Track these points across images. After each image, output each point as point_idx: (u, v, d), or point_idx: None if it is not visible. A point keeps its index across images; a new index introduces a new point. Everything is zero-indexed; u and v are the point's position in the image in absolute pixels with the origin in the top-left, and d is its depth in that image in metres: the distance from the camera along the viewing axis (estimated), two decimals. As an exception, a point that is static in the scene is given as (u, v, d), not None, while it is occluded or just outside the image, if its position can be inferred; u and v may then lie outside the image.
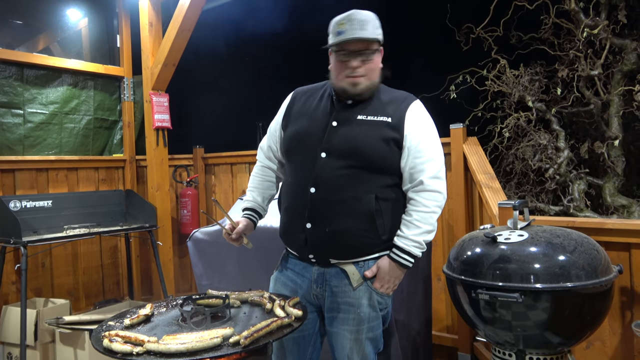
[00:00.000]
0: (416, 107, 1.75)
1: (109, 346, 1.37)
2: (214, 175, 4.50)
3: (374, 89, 1.73)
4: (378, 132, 1.67)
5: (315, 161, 1.69)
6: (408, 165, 1.69)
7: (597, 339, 2.20)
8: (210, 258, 2.78)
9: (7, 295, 3.48)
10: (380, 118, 1.70)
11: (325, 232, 1.67)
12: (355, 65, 1.67)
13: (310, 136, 1.73)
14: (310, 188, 1.67)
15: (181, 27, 3.70)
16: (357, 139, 1.67)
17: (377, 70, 1.73)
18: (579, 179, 3.86)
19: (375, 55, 1.70)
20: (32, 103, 3.81)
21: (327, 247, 1.69)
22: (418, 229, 1.67)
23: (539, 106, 4.06)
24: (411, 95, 1.79)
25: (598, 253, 1.78)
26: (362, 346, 1.72)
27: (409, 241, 1.67)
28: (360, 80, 1.68)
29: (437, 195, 1.68)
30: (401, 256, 1.68)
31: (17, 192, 3.61)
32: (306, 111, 1.80)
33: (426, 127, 1.74)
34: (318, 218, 1.67)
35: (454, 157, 2.97)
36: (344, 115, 1.72)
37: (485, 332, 1.87)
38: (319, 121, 1.74)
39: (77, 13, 4.30)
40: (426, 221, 1.67)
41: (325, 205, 1.66)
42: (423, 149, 1.69)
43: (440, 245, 3.11)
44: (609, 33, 3.67)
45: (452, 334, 3.08)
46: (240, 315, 1.62)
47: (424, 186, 1.67)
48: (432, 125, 1.77)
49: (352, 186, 1.66)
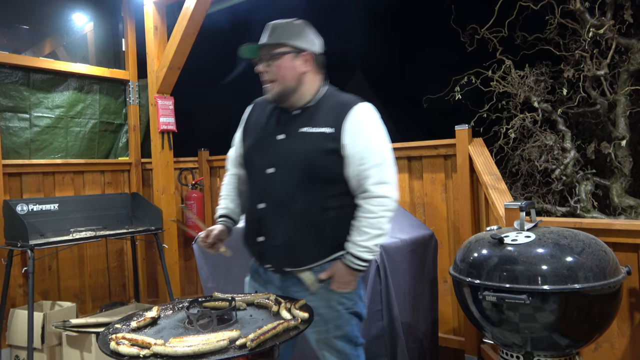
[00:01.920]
0: (357, 113, 1.72)
1: (116, 349, 1.37)
2: (219, 177, 4.50)
3: (290, 91, 1.75)
4: (318, 145, 1.70)
5: (263, 176, 1.75)
6: (353, 173, 1.69)
7: (606, 341, 2.18)
8: (216, 261, 2.79)
9: (15, 298, 3.49)
10: (320, 129, 1.71)
11: (276, 245, 1.74)
12: (261, 70, 1.76)
13: (259, 151, 1.80)
14: (259, 204, 1.76)
15: (186, 31, 3.72)
16: (299, 153, 1.71)
17: (289, 73, 1.73)
18: (585, 180, 3.83)
19: (284, 57, 1.73)
20: (38, 107, 3.83)
21: (280, 258, 1.77)
22: (366, 235, 1.68)
23: (544, 107, 4.04)
24: (355, 100, 1.76)
25: (606, 254, 1.77)
26: (332, 344, 1.79)
27: (359, 247, 1.69)
28: (270, 85, 1.75)
29: (383, 200, 1.68)
30: (353, 261, 1.70)
31: (24, 196, 3.63)
32: (258, 124, 1.85)
33: (367, 133, 1.71)
34: (268, 232, 1.75)
35: (459, 158, 2.97)
36: (288, 128, 1.76)
37: (493, 334, 1.86)
38: (267, 135, 1.79)
39: (82, 17, 4.32)
40: (374, 226, 1.68)
41: (273, 219, 1.74)
42: (366, 156, 1.68)
43: (446, 247, 3.10)
44: (615, 33, 3.65)
45: (458, 336, 3.06)
46: (247, 318, 1.61)
47: (370, 193, 1.68)
48: (377, 128, 1.74)
49: (298, 199, 1.70)
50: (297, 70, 1.74)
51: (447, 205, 3.11)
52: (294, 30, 1.75)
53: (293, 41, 1.74)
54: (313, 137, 1.70)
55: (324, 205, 1.70)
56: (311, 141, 1.70)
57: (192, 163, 4.60)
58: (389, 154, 1.73)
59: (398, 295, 2.31)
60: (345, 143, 1.68)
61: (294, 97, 1.76)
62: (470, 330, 2.92)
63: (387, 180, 1.69)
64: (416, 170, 3.24)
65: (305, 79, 1.76)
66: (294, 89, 1.75)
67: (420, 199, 3.22)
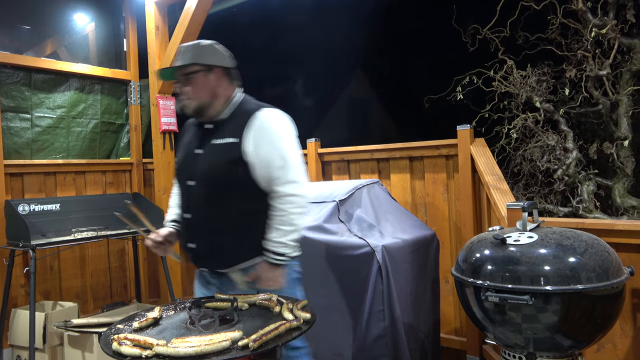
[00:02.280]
0: (258, 120, 1.83)
1: (118, 349, 1.37)
2: (220, 178, 4.50)
3: (205, 106, 1.89)
4: (226, 155, 1.82)
5: (187, 189, 1.92)
6: (261, 177, 1.81)
7: (609, 342, 2.17)
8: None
9: (16, 299, 3.49)
10: (226, 140, 1.83)
11: (204, 250, 1.89)
12: (178, 92, 1.91)
13: (183, 166, 1.96)
14: (185, 214, 1.92)
15: (187, 31, 3.71)
16: (210, 164, 1.84)
17: (203, 90, 1.87)
18: (588, 180, 3.83)
19: (197, 76, 1.87)
20: (39, 107, 3.83)
21: (210, 262, 1.92)
22: (279, 232, 1.79)
23: (546, 107, 4.04)
24: (259, 107, 1.87)
25: (609, 255, 1.76)
26: None
27: (274, 243, 1.80)
28: (185, 102, 1.90)
29: (292, 198, 1.79)
30: (271, 257, 1.80)
31: (25, 196, 3.63)
32: (185, 142, 2.02)
33: (269, 137, 1.81)
34: (196, 239, 1.89)
35: (461, 158, 2.96)
36: (204, 142, 1.89)
37: (495, 334, 1.86)
38: (189, 150, 1.94)
39: (84, 17, 4.33)
40: (286, 223, 1.79)
41: (197, 227, 1.88)
42: (270, 160, 1.79)
43: (448, 248, 3.10)
44: (617, 33, 3.65)
45: (460, 337, 3.06)
46: (249, 318, 1.61)
47: (279, 193, 1.80)
48: (279, 132, 1.84)
49: (216, 208, 1.84)
50: (210, 86, 1.89)
51: (448, 206, 3.10)
52: (202, 50, 1.90)
53: (203, 60, 1.88)
54: (221, 148, 1.83)
55: (240, 211, 1.83)
56: (219, 152, 1.83)
57: (194, 163, 4.60)
58: (295, 155, 1.83)
59: (400, 296, 2.31)
60: (248, 150, 1.80)
61: (210, 112, 1.90)
62: (472, 331, 2.91)
63: (294, 180, 1.79)
64: (418, 171, 3.24)
65: (219, 93, 1.90)
66: (209, 104, 1.89)
67: (422, 199, 3.22)
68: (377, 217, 2.55)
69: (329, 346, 2.37)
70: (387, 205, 2.71)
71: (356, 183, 2.72)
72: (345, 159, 3.56)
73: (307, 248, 2.38)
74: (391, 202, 2.79)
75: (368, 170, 3.46)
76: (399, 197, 3.27)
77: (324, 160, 3.67)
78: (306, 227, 2.41)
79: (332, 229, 2.41)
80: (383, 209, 2.65)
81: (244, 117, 1.84)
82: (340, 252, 2.31)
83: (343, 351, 2.33)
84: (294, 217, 1.79)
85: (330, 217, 2.45)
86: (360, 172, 3.51)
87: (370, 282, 2.22)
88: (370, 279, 2.22)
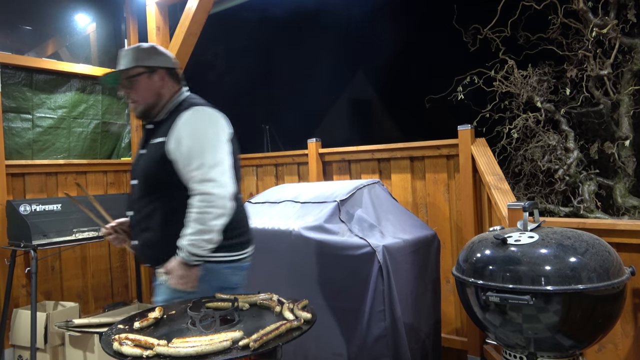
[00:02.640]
0: (184, 118, 1.82)
1: (119, 349, 1.37)
2: (221, 178, 4.50)
3: (151, 108, 1.93)
4: (157, 154, 1.84)
5: (131, 188, 1.98)
6: (183, 175, 1.80)
7: (610, 342, 2.17)
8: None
9: (18, 299, 3.50)
10: (159, 139, 1.85)
11: (140, 247, 1.94)
12: (124, 95, 1.95)
13: (132, 166, 2.05)
14: (128, 211, 1.99)
15: (188, 31, 3.72)
16: (145, 164, 1.89)
17: (147, 91, 1.91)
18: (589, 180, 3.82)
19: (141, 78, 1.90)
20: (40, 108, 3.84)
21: (144, 258, 1.97)
22: (192, 229, 1.74)
23: (547, 107, 4.04)
24: (190, 105, 1.87)
25: (610, 255, 1.76)
26: None
27: (185, 239, 1.75)
28: (133, 105, 1.94)
29: (206, 197, 1.73)
30: (180, 254, 1.77)
31: (27, 196, 3.64)
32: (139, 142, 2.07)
33: (190, 135, 1.80)
34: (135, 236, 1.95)
35: (462, 158, 2.96)
36: (147, 142, 1.93)
37: (496, 334, 1.85)
38: (137, 151, 2.00)
39: (85, 18, 4.33)
40: (199, 221, 1.73)
41: (136, 225, 1.94)
42: (190, 157, 1.77)
43: (449, 247, 3.10)
44: (618, 32, 3.64)
45: (461, 337, 3.06)
46: (249, 319, 1.61)
47: (195, 191, 1.76)
48: (202, 128, 1.82)
49: (147, 206, 1.88)
50: (154, 88, 1.92)
51: (449, 206, 3.10)
52: (144, 52, 1.92)
53: (145, 62, 1.91)
54: (154, 148, 1.86)
55: (168, 209, 1.84)
56: (153, 152, 1.86)
57: (195, 163, 4.60)
58: (216, 154, 1.79)
59: (400, 296, 2.31)
60: (171, 148, 1.80)
61: (155, 113, 1.94)
62: (473, 331, 2.91)
63: (211, 178, 1.75)
64: (419, 171, 3.24)
65: (164, 94, 1.94)
66: (154, 105, 1.93)
67: (423, 199, 3.22)
68: (377, 217, 2.55)
69: (330, 346, 2.37)
70: (388, 205, 2.71)
71: (357, 183, 2.72)
72: (346, 159, 3.56)
73: (308, 248, 2.39)
74: (392, 202, 2.79)
75: (369, 170, 3.46)
76: (400, 197, 3.27)
77: (325, 160, 3.67)
78: (307, 227, 2.41)
79: (333, 229, 2.41)
80: (384, 209, 2.65)
81: (175, 115, 1.86)
82: (341, 252, 2.31)
83: (343, 351, 2.33)
84: (208, 216, 1.72)
85: (331, 217, 2.45)
86: (361, 172, 3.51)
87: (371, 282, 2.22)
88: (371, 279, 2.22)
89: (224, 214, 1.75)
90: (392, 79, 6.14)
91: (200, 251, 1.75)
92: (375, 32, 5.97)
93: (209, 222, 1.73)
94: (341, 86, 7.05)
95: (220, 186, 1.75)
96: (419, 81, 5.22)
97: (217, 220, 1.74)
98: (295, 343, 1.77)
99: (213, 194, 1.73)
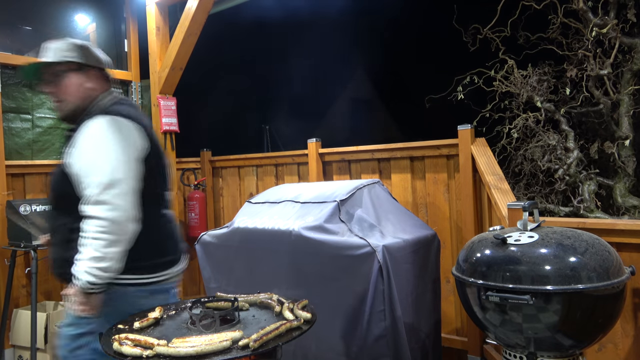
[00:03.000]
0: (84, 130, 1.64)
1: (119, 349, 1.37)
2: (221, 178, 4.51)
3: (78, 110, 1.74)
4: (61, 167, 1.69)
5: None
6: (80, 192, 1.62)
7: (610, 342, 2.17)
8: (218, 261, 2.79)
9: (18, 299, 3.50)
10: (67, 150, 1.70)
11: (50, 261, 1.80)
12: (47, 91, 1.76)
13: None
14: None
15: (188, 31, 3.72)
16: (55, 174, 1.74)
17: (75, 91, 1.73)
18: (589, 180, 3.83)
19: (68, 76, 1.72)
20: (40, 108, 3.84)
21: (55, 274, 1.81)
22: (86, 256, 1.56)
23: (547, 106, 4.04)
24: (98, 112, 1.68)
25: (610, 254, 1.76)
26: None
27: (80, 266, 1.57)
28: (58, 105, 1.76)
29: (94, 221, 1.55)
30: (75, 281, 1.59)
31: (27, 196, 3.64)
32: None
33: (86, 151, 1.62)
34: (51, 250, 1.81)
35: (462, 158, 2.96)
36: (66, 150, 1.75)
37: (496, 334, 1.85)
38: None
39: (85, 18, 4.33)
40: (93, 248, 1.55)
41: (51, 240, 1.82)
42: (83, 174, 1.60)
43: (449, 247, 3.10)
44: (618, 32, 3.64)
45: (461, 337, 3.06)
46: (249, 318, 1.62)
47: (87, 213, 1.58)
48: (97, 146, 1.61)
49: (57, 219, 1.75)
50: (83, 88, 1.74)
51: (449, 205, 3.10)
52: (76, 47, 1.75)
53: (76, 58, 1.73)
54: (64, 158, 1.70)
55: (72, 226, 1.66)
56: (61, 166, 1.70)
57: (195, 163, 4.61)
58: (114, 172, 1.58)
59: (400, 296, 2.31)
60: (70, 161, 1.65)
61: (79, 116, 1.73)
62: (473, 331, 2.91)
63: (105, 200, 1.55)
64: (419, 171, 3.24)
65: (92, 96, 1.76)
66: (81, 107, 1.74)
67: (423, 199, 3.22)
68: (377, 217, 2.55)
69: (330, 346, 2.37)
70: (388, 205, 2.71)
71: (357, 183, 2.72)
72: (346, 159, 3.56)
73: (308, 248, 2.39)
74: (392, 202, 2.79)
75: (369, 170, 3.46)
76: (400, 197, 3.27)
77: (324, 160, 3.67)
78: (307, 227, 2.41)
79: (333, 229, 2.41)
80: (384, 209, 2.65)
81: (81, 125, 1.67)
82: (341, 252, 2.31)
83: (344, 351, 2.33)
84: (101, 244, 1.54)
85: (331, 217, 2.45)
86: (361, 172, 3.51)
87: (371, 282, 2.22)
88: (371, 278, 2.22)
89: (119, 240, 1.56)
90: (392, 78, 6.14)
91: (97, 280, 1.56)
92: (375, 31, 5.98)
93: (103, 250, 1.54)
94: (341, 86, 7.06)
95: (114, 209, 1.55)
96: (419, 81, 5.22)
97: (113, 247, 1.55)
98: (295, 343, 1.77)
99: (106, 219, 1.54)
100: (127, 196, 1.58)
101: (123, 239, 1.58)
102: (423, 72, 5.32)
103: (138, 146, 1.67)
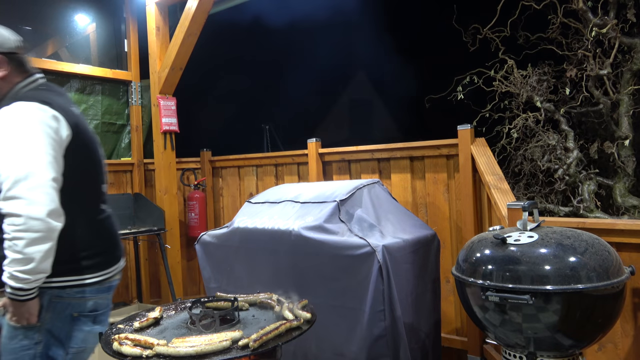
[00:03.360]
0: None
1: (119, 349, 1.37)
2: (221, 178, 4.51)
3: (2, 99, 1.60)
4: None
5: None
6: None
7: (609, 341, 2.17)
8: (218, 261, 2.79)
9: None
10: None
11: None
12: None
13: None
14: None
15: (188, 31, 3.72)
16: None
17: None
18: (588, 180, 3.83)
19: None
20: None
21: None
22: (8, 259, 1.43)
23: (547, 106, 4.04)
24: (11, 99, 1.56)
25: (609, 254, 1.76)
26: None
27: (6, 272, 1.45)
28: None
29: (12, 219, 1.41)
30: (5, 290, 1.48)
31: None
32: None
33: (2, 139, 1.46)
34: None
35: (461, 158, 2.96)
36: None
37: (495, 334, 1.86)
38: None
39: (85, 18, 4.33)
40: (13, 250, 1.42)
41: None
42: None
43: (448, 247, 3.10)
44: (618, 32, 3.64)
45: (461, 337, 3.06)
46: (249, 318, 1.62)
47: (2, 210, 1.43)
48: (12, 131, 1.47)
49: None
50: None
51: (449, 205, 3.11)
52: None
53: None
54: None
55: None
56: None
57: (195, 163, 4.61)
58: (26, 164, 1.44)
59: (400, 296, 2.31)
60: None
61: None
62: (472, 331, 2.91)
63: (17, 195, 1.41)
64: (418, 170, 3.24)
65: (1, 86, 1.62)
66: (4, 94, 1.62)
67: (423, 199, 3.22)
68: (377, 217, 2.55)
69: (330, 346, 2.37)
70: (388, 205, 2.71)
71: (357, 183, 2.72)
72: (346, 159, 3.56)
73: (308, 248, 2.39)
74: (392, 202, 2.79)
75: (369, 170, 3.46)
76: (400, 197, 3.27)
77: (324, 160, 3.68)
78: (307, 227, 2.41)
79: (333, 229, 2.41)
80: (384, 209, 2.65)
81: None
82: (341, 252, 2.31)
83: (343, 351, 2.33)
84: (19, 243, 1.40)
85: (331, 217, 2.46)
86: (361, 172, 3.51)
87: (371, 281, 2.22)
88: (371, 278, 2.22)
89: (41, 237, 1.41)
90: (392, 78, 6.14)
91: (25, 284, 1.44)
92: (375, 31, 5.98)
93: (24, 250, 1.40)
94: (341, 86, 7.06)
95: (29, 204, 1.40)
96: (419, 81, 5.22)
97: (34, 246, 1.41)
98: (295, 343, 1.77)
99: (20, 215, 1.40)
100: (44, 189, 1.43)
101: (46, 236, 1.43)
102: (423, 72, 5.33)
103: (57, 135, 1.53)
